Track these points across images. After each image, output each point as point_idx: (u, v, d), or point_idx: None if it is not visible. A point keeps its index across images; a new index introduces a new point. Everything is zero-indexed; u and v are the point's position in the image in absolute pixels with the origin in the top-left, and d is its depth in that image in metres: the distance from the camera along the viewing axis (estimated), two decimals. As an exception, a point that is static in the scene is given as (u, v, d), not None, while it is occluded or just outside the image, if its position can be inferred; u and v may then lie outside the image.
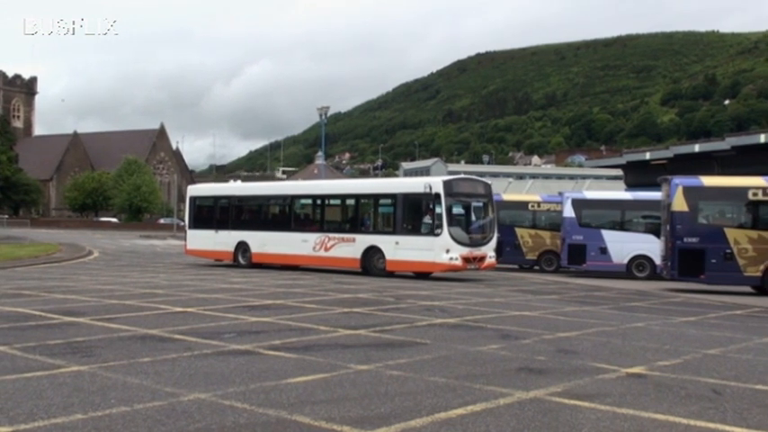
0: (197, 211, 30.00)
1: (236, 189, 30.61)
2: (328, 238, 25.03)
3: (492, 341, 10.42)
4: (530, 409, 6.51)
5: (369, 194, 25.54)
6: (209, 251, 28.94)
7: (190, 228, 29.93)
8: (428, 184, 22.43)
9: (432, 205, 22.29)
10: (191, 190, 31.20)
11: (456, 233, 22.39)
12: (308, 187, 31.06)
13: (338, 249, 24.67)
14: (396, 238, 23.19)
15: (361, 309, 14.14)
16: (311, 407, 6.38)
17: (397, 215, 23.58)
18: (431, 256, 22.22)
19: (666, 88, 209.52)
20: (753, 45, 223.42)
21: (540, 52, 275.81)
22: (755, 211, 20.62)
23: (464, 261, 22.21)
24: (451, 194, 22.46)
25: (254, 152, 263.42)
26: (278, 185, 35.42)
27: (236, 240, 27.59)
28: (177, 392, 6.80)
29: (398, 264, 23.22)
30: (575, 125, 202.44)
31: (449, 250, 21.93)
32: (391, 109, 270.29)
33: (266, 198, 29.19)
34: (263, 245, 26.87)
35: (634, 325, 12.87)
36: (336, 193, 27.47)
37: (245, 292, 16.85)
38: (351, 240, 24.43)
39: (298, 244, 25.64)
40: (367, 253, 23.82)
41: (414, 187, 23.50)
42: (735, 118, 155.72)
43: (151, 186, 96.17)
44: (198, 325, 11.37)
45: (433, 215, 22.28)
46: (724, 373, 8.50)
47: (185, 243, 30.20)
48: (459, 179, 24.40)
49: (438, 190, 22.12)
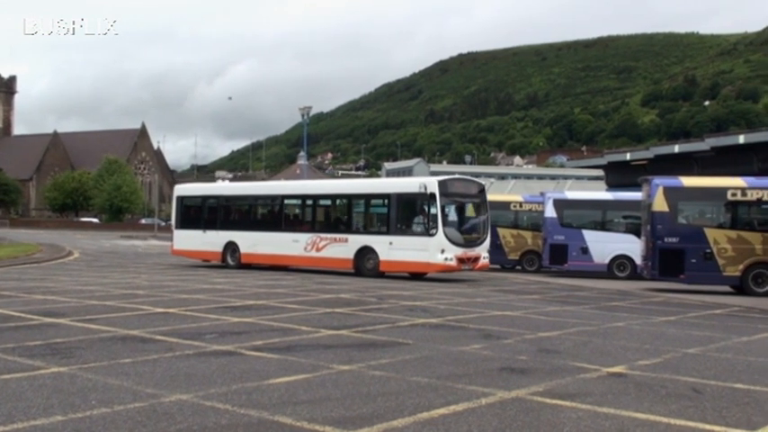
0: (184, 211, 29.60)
1: (224, 189, 30.25)
2: (320, 238, 24.70)
3: (474, 341, 10.44)
4: (512, 408, 6.53)
5: (362, 194, 25.36)
6: (196, 251, 28.56)
7: (177, 228, 29.46)
8: (423, 184, 22.20)
9: (426, 205, 22.10)
10: (178, 189, 30.80)
11: (451, 233, 22.19)
12: (300, 187, 30.64)
13: (330, 250, 24.37)
14: (390, 239, 22.93)
15: (344, 309, 14.13)
16: (293, 407, 6.37)
17: (391, 215, 23.32)
18: (425, 257, 22.04)
19: (647, 89, 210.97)
20: (732, 47, 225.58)
21: (521, 53, 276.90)
22: (734, 212, 20.81)
23: (459, 261, 22.07)
24: (446, 194, 22.28)
25: (235, 152, 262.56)
26: (268, 185, 34.98)
27: (225, 240, 27.23)
28: (158, 393, 6.76)
29: (392, 264, 23.01)
30: (556, 126, 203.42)
31: (443, 250, 21.77)
32: (374, 109, 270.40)
33: (256, 198, 28.86)
34: (252, 245, 26.51)
35: (615, 324, 12.95)
36: (329, 192, 27.16)
37: (226, 293, 16.79)
38: (343, 240, 24.12)
39: (288, 244, 25.33)
40: (360, 253, 23.55)
41: (408, 187, 23.23)
42: (714, 119, 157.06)
43: (132, 186, 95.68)
44: (179, 326, 11.32)
45: (427, 215, 22.10)
46: (704, 372, 8.56)
47: (172, 243, 29.77)
48: (453, 179, 24.15)
49: (433, 190, 21.87)
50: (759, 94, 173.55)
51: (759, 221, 20.88)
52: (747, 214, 20.99)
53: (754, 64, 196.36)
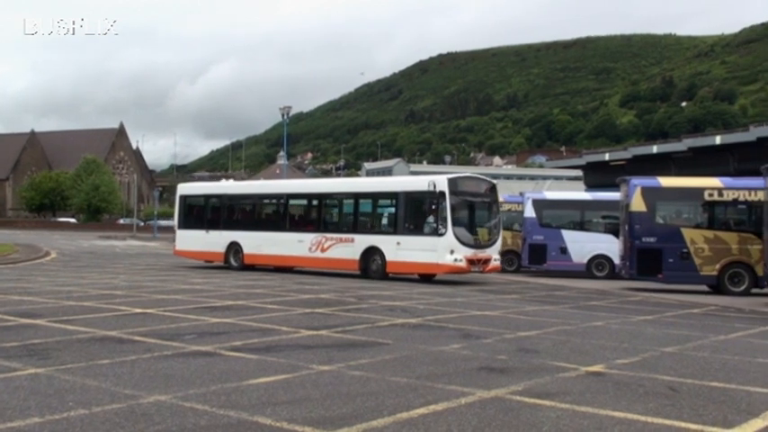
0: (187, 211, 28.96)
1: (227, 188, 29.53)
2: (325, 238, 23.98)
3: (453, 341, 10.47)
4: (491, 408, 6.55)
5: (369, 193, 24.69)
6: (198, 252, 27.91)
7: (179, 228, 28.77)
8: (432, 182, 21.44)
9: (436, 204, 21.34)
10: (181, 188, 30.11)
11: (460, 234, 21.50)
12: (305, 186, 29.90)
13: (336, 250, 23.66)
14: (397, 239, 22.23)
15: (323, 309, 14.11)
16: (273, 408, 6.36)
17: (398, 214, 22.61)
18: (434, 257, 21.34)
19: (625, 90, 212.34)
20: (709, 48, 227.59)
21: (501, 54, 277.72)
22: (711, 212, 21.02)
23: (468, 263, 21.34)
24: (456, 193, 21.57)
25: (215, 152, 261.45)
26: (272, 184, 34.18)
27: (228, 241, 26.59)
28: (137, 395, 6.72)
29: (399, 265, 22.31)
30: (535, 126, 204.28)
31: (453, 251, 21.09)
32: (354, 109, 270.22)
33: (260, 197, 28.18)
34: (256, 245, 25.82)
35: (593, 324, 13.03)
36: (334, 191, 26.39)
37: (205, 293, 16.72)
38: (349, 241, 23.41)
39: (293, 244, 24.63)
40: (366, 254, 22.85)
41: (417, 185, 22.42)
42: (691, 120, 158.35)
43: (110, 186, 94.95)
44: (158, 326, 11.26)
45: (437, 214, 21.35)
46: (681, 370, 8.64)
47: (174, 244, 29.10)
48: (464, 177, 23.45)
49: (443, 188, 21.19)
50: (735, 96, 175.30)
51: (735, 221, 21.11)
52: (724, 214, 21.21)
53: (730, 65, 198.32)
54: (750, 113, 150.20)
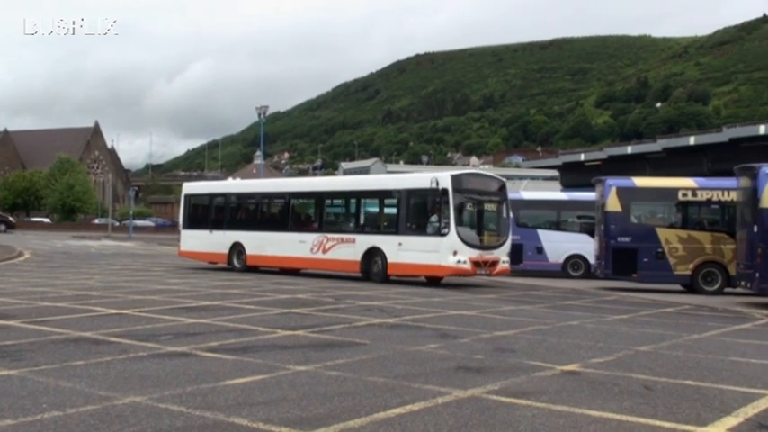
0: (192, 210, 28.25)
1: (231, 186, 28.79)
2: (326, 238, 23.00)
3: (430, 340, 10.49)
4: (467, 407, 6.57)
5: (370, 191, 23.66)
6: (202, 253, 27.17)
7: (184, 228, 28.19)
8: (435, 179, 20.37)
9: (438, 202, 20.31)
10: (186, 188, 29.35)
11: (465, 234, 20.49)
12: (307, 184, 28.76)
13: (337, 251, 22.66)
14: (399, 239, 21.18)
15: (300, 309, 14.08)
16: (249, 409, 6.33)
17: (400, 213, 21.56)
18: (436, 259, 20.28)
19: (601, 91, 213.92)
20: (683, 50, 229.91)
21: (477, 54, 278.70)
22: (685, 212, 21.26)
23: (473, 265, 20.28)
24: (460, 191, 20.52)
25: (191, 151, 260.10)
26: (275, 182, 33.30)
27: (231, 241, 25.80)
28: (112, 396, 6.67)
29: (401, 267, 21.25)
30: (512, 126, 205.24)
31: (456, 252, 20.01)
32: (331, 109, 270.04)
33: (262, 196, 26.99)
34: (258, 246, 25.03)
35: (569, 323, 13.11)
36: (336, 189, 25.31)
37: (181, 294, 16.62)
38: (350, 241, 22.42)
39: (295, 245, 23.73)
40: (367, 255, 21.82)
41: (419, 183, 21.42)
42: (666, 120, 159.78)
43: (85, 186, 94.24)
44: (133, 327, 11.18)
45: (439, 213, 20.30)
46: (655, 369, 8.71)
47: (179, 244, 28.47)
48: (469, 174, 22.70)
49: (446, 185, 20.17)
50: (709, 97, 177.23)
51: (708, 221, 21.36)
52: (697, 214, 21.46)
53: (704, 67, 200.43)
54: (723, 114, 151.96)
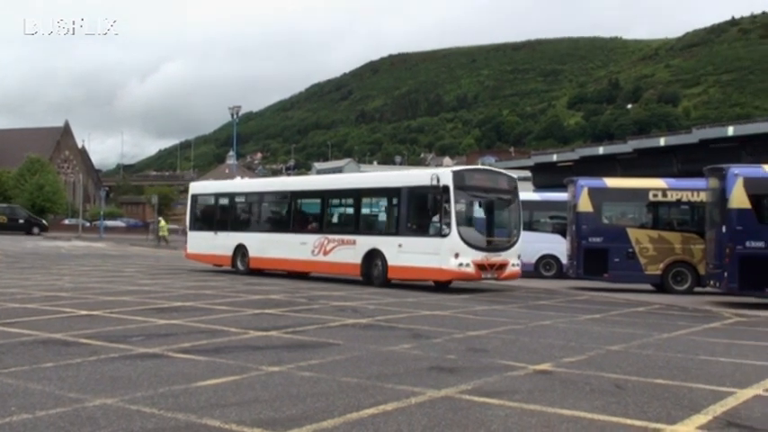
0: (198, 211, 27.46)
1: (236, 186, 27.93)
2: (327, 240, 21.74)
3: (404, 341, 10.50)
4: (441, 407, 6.59)
5: (371, 189, 22.26)
6: (208, 255, 26.27)
7: (190, 229, 27.37)
8: (435, 176, 18.97)
9: (439, 200, 18.84)
10: (192, 187, 28.54)
11: (468, 234, 19.13)
12: (308, 182, 27.63)
13: (338, 253, 21.40)
14: (399, 240, 19.78)
15: (273, 310, 14.04)
16: (221, 410, 6.30)
17: (401, 212, 20.17)
18: (436, 262, 18.81)
19: (573, 92, 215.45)
20: (653, 52, 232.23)
21: (451, 55, 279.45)
22: (656, 212, 21.48)
23: (478, 269, 18.80)
24: (463, 188, 19.13)
25: (163, 151, 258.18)
26: (278, 181, 32.16)
27: (235, 243, 24.82)
28: (82, 398, 6.60)
29: (401, 270, 19.87)
30: (485, 127, 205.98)
31: (458, 254, 18.53)
32: (304, 109, 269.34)
33: (265, 195, 25.78)
34: (261, 248, 24.02)
35: (541, 323, 13.19)
36: (337, 188, 23.77)
37: (153, 294, 16.50)
38: (351, 243, 21.07)
39: (297, 247, 22.53)
40: (368, 257, 20.49)
41: (419, 180, 19.98)
42: (637, 122, 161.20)
43: (55, 186, 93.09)
44: (104, 328, 11.07)
45: (440, 212, 18.88)
46: (626, 368, 8.80)
47: (185, 246, 27.68)
48: (473, 170, 21.50)
49: (446, 182, 18.74)
50: (679, 98, 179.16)
51: (678, 221, 21.59)
52: (668, 215, 21.68)
53: (674, 69, 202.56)
54: (693, 116, 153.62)
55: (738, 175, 17.02)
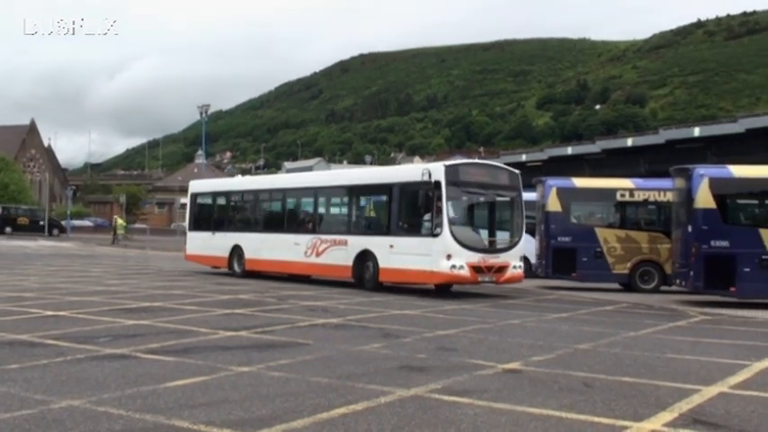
0: (197, 210, 26.51)
1: (233, 184, 27.21)
2: (320, 240, 20.62)
3: (374, 340, 10.51)
4: (410, 406, 6.61)
5: (362, 186, 20.91)
6: (206, 256, 25.35)
7: (189, 229, 26.46)
8: (427, 171, 17.72)
9: (431, 197, 17.51)
10: (192, 186, 27.59)
11: (462, 234, 17.76)
12: (302, 179, 26.26)
13: (330, 254, 20.23)
14: (390, 240, 18.52)
15: (243, 310, 13.97)
16: (190, 411, 6.26)
17: (392, 211, 18.85)
18: (428, 264, 17.50)
19: (541, 93, 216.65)
20: (621, 53, 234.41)
21: (421, 55, 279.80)
22: (623, 212, 21.70)
23: (473, 271, 17.41)
24: (457, 183, 17.76)
25: (131, 150, 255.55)
26: (272, 179, 30.77)
27: (231, 244, 23.82)
28: (48, 400, 6.52)
29: (392, 273, 18.65)
30: (455, 127, 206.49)
31: (450, 256, 17.19)
32: (273, 108, 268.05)
33: (259, 193, 24.68)
34: (256, 249, 22.93)
35: (510, 322, 13.27)
36: (329, 184, 22.54)
37: (121, 295, 16.34)
38: (342, 243, 19.91)
39: (290, 248, 21.33)
40: (360, 259, 19.32)
41: (411, 175, 18.74)
42: (605, 122, 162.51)
43: (20, 185, 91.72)
44: (71, 329, 10.95)
45: (432, 210, 17.60)
46: (594, 366, 8.88)
47: (185, 247, 26.87)
48: (469, 164, 20.17)
49: (438, 177, 17.40)
50: (646, 99, 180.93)
51: (646, 221, 21.84)
52: (635, 214, 21.92)
53: (641, 70, 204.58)
54: (660, 117, 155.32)
55: (704, 175, 17.24)
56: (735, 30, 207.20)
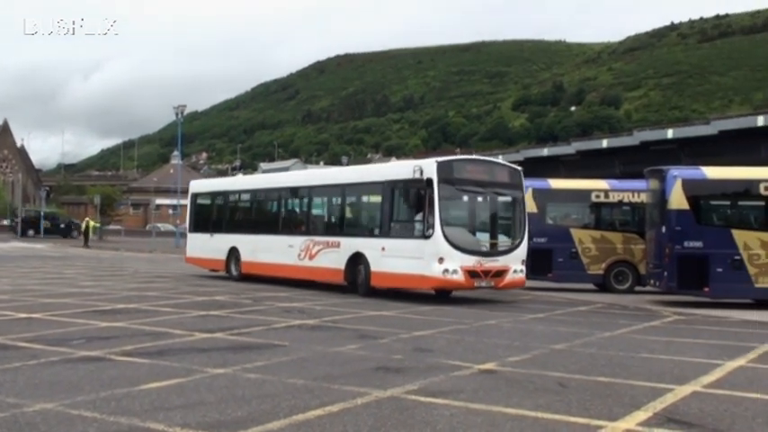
0: (197, 211, 25.74)
1: (230, 183, 26.52)
2: (313, 242, 19.58)
3: (350, 341, 10.50)
4: (387, 407, 6.61)
5: (354, 184, 19.65)
6: (205, 259, 24.46)
7: (190, 231, 25.77)
8: (418, 167, 16.49)
9: (423, 196, 16.34)
10: (192, 186, 26.83)
11: (456, 236, 16.44)
12: (296, 178, 24.86)
13: (323, 257, 19.20)
14: (382, 242, 17.35)
15: (218, 311, 13.91)
16: (165, 413, 6.22)
17: (384, 211, 17.74)
18: (419, 267, 16.31)
19: (517, 94, 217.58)
20: (596, 55, 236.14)
21: (398, 56, 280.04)
22: (598, 213, 21.84)
23: (468, 276, 16.22)
24: (451, 181, 16.53)
25: (105, 151, 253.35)
26: (267, 178, 29.29)
27: (229, 246, 22.89)
28: (21, 403, 6.45)
29: (384, 277, 17.37)
30: (431, 128, 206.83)
31: (443, 259, 15.99)
32: (250, 109, 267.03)
33: (256, 193, 23.63)
34: (251, 251, 21.99)
35: (486, 322, 13.31)
36: (321, 183, 21.30)
37: (95, 297, 16.20)
38: (335, 245, 18.84)
39: (284, 250, 20.36)
40: (352, 262, 18.22)
41: (402, 173, 17.36)
42: (580, 124, 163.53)
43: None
44: (44, 331, 10.84)
45: (424, 210, 16.39)
46: (569, 366, 8.93)
47: (186, 250, 26.23)
48: (465, 160, 18.88)
49: (430, 174, 16.21)
50: (620, 101, 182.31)
51: (620, 222, 21.99)
52: (610, 215, 22.07)
53: (616, 72, 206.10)
54: (634, 118, 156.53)
55: (677, 176, 17.41)
56: (708, 33, 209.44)
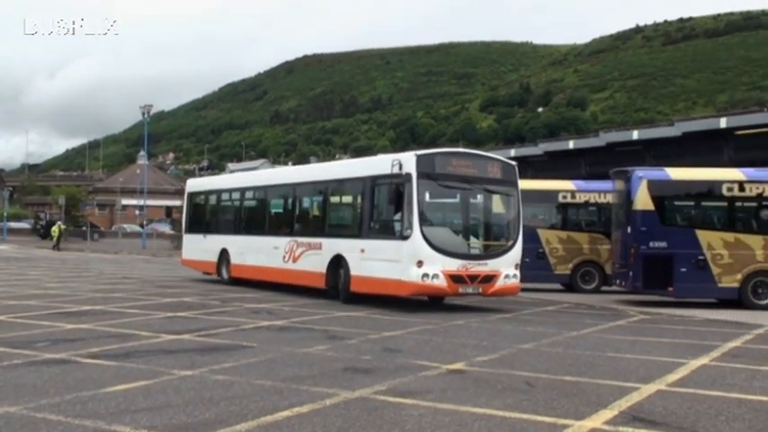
0: (193, 211, 24.94)
1: (224, 181, 25.83)
2: (296, 243, 18.36)
3: (319, 342, 10.48)
4: (355, 408, 6.61)
5: (336, 181, 18.18)
6: (198, 261, 23.58)
7: (185, 232, 25.04)
8: (397, 162, 15.13)
9: (402, 193, 14.87)
10: (188, 185, 26.20)
11: (437, 236, 14.92)
12: (282, 175, 23.21)
13: (305, 259, 17.95)
14: (361, 244, 15.94)
15: (186, 313, 13.80)
16: (132, 416, 6.17)
17: (364, 209, 16.30)
18: (397, 271, 14.82)
19: (485, 95, 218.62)
20: (563, 57, 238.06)
21: (366, 56, 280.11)
22: (565, 213, 22.04)
23: (451, 281, 14.72)
24: (432, 176, 15.07)
25: (71, 151, 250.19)
26: (257, 175, 27.08)
27: (219, 247, 22.02)
28: (-16, 407, 6.36)
29: (363, 282, 15.85)
30: (399, 128, 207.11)
31: (422, 262, 14.51)
32: (217, 109, 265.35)
33: (245, 191, 22.33)
34: (240, 253, 21.10)
35: (454, 323, 13.36)
36: (307, 180, 19.64)
37: (60, 298, 16.00)
38: (317, 247, 17.56)
39: (270, 252, 19.31)
40: (333, 265, 16.84)
41: (381, 167, 15.92)
42: (547, 125, 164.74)
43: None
44: (7, 334, 10.68)
45: (403, 208, 14.91)
46: (537, 366, 9.00)
47: (182, 251, 25.52)
48: (448, 153, 16.43)
49: (409, 169, 14.81)
50: (587, 103, 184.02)
51: (586, 222, 22.21)
52: (576, 216, 22.28)
53: (582, 74, 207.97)
54: (600, 120, 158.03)
55: (643, 177, 17.61)
56: (672, 35, 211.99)
